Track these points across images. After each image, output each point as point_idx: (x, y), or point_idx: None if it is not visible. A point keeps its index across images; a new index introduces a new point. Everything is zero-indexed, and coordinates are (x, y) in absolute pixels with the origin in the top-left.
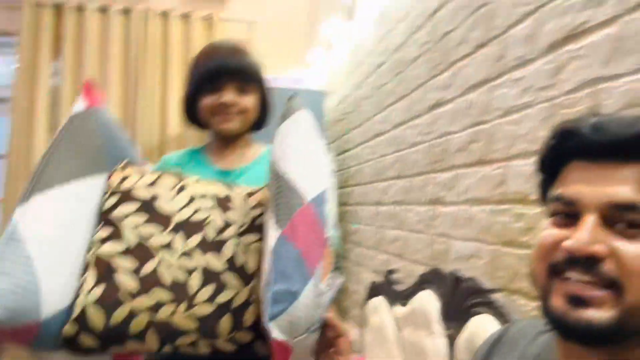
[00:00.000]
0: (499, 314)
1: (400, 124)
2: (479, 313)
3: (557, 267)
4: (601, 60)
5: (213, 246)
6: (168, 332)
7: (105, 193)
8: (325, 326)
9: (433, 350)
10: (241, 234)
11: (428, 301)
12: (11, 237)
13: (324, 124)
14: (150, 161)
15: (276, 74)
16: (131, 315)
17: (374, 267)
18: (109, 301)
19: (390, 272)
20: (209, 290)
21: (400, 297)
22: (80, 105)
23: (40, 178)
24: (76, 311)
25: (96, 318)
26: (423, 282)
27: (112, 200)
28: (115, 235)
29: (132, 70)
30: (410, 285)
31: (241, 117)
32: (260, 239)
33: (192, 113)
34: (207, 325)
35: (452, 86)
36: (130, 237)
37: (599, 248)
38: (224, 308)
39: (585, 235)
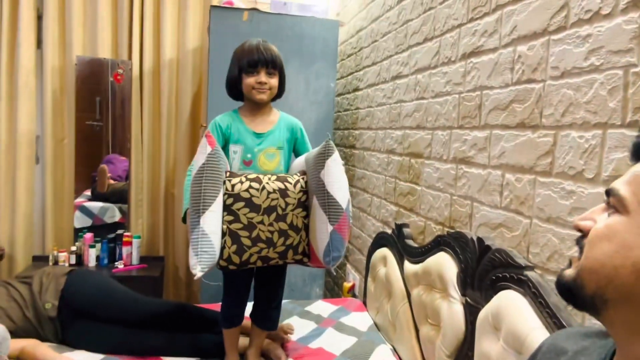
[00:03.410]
0: (532, 293)
1: (424, 69)
2: (506, 288)
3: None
4: None
5: (281, 218)
6: (265, 259)
7: (225, 194)
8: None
9: (449, 315)
10: (293, 210)
11: (445, 263)
12: (202, 233)
13: (336, 57)
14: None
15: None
16: (250, 255)
17: (381, 217)
18: (239, 251)
19: (401, 225)
20: (281, 240)
21: (411, 254)
22: (207, 147)
23: (204, 199)
24: (224, 255)
25: (235, 258)
26: (440, 243)
27: (230, 200)
28: (236, 219)
29: None
30: (426, 244)
31: (269, 92)
32: (303, 210)
33: (234, 88)
34: (282, 255)
35: (497, 34)
36: (244, 219)
37: (584, 223)
38: (288, 246)
39: (584, 214)
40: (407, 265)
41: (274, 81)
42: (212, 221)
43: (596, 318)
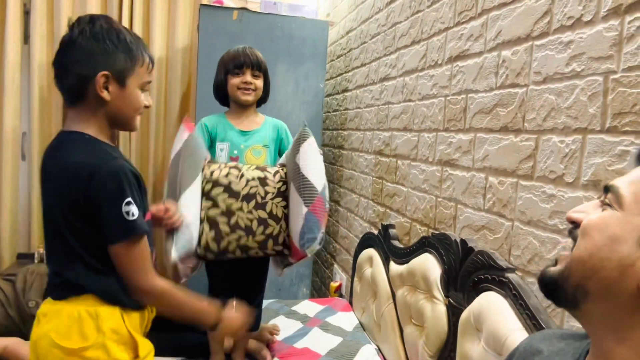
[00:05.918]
0: (513, 295)
1: (412, 72)
2: (488, 289)
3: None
4: None
5: (260, 206)
6: (245, 249)
7: (203, 181)
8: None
9: (432, 315)
10: (273, 198)
11: (429, 265)
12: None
13: (325, 57)
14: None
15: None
16: (228, 243)
17: (368, 218)
18: (217, 237)
19: (388, 226)
20: (261, 228)
21: (397, 255)
22: (185, 132)
23: (181, 183)
24: (202, 242)
25: (213, 246)
26: (425, 244)
27: (208, 185)
28: (214, 205)
29: None
30: (410, 245)
31: (254, 93)
32: (283, 200)
33: (220, 91)
34: (262, 245)
35: (482, 38)
36: (222, 205)
37: (577, 215)
38: (268, 236)
39: (577, 207)
40: (393, 265)
41: (259, 82)
42: (189, 206)
43: (575, 314)
